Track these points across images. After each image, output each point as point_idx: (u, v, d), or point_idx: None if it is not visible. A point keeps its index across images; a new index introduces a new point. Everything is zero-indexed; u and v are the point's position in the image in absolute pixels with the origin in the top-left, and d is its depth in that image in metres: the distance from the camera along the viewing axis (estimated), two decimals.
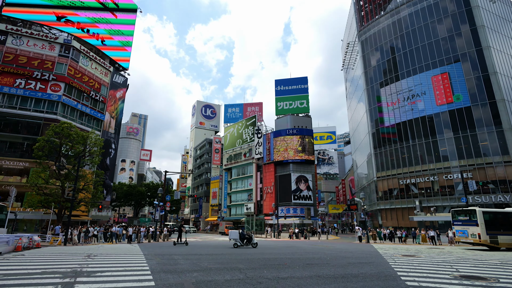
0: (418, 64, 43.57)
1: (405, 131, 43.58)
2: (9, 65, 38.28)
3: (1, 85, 37.22)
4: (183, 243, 22.87)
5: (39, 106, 38.63)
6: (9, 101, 37.52)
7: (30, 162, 33.99)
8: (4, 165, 35.78)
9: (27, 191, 31.24)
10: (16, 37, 39.74)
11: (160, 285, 7.10)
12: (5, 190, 32.00)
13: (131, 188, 64.62)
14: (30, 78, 38.61)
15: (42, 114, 38.26)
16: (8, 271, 8.99)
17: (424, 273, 9.40)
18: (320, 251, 17.65)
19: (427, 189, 39.67)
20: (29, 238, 16.65)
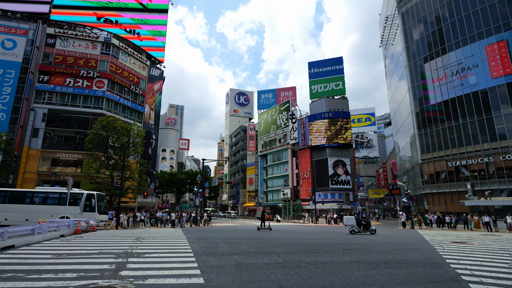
0: (469, 34, 39.21)
1: (454, 108, 40.01)
2: (59, 65, 41.73)
3: (54, 85, 40.88)
4: (267, 228, 22.92)
5: (87, 102, 41.85)
6: (61, 99, 41.19)
7: (83, 154, 37.20)
8: (61, 157, 39.72)
9: (82, 180, 34.31)
10: (63, 39, 42.96)
11: (203, 266, 7.41)
12: (63, 180, 35.35)
13: (172, 176, 68.07)
14: (78, 76, 41.78)
15: (89, 109, 41.50)
16: (72, 250, 10.11)
17: (477, 261, 8.70)
18: (360, 237, 17.20)
19: (481, 171, 36.41)
20: (86, 222, 18.39)
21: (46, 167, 38.83)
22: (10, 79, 38.65)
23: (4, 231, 10.57)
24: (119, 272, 6.57)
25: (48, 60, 41.98)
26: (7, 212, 21.10)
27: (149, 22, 52.98)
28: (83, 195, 22.50)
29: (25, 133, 38.39)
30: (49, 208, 21.86)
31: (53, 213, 21.38)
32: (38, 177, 38.00)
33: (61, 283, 5.53)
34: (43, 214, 20.93)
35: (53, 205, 22.12)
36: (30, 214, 21.28)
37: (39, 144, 38.90)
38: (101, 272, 6.61)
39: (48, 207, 21.95)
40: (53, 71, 41.11)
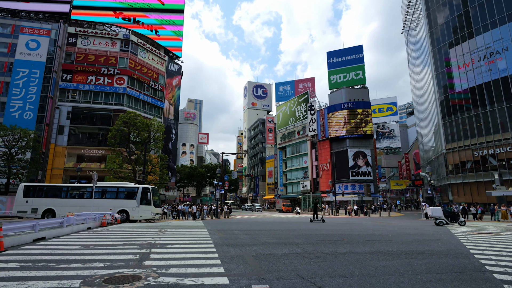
0: (499, 16, 36.88)
1: (481, 95, 38.07)
2: (81, 64, 43.20)
3: (77, 83, 42.44)
4: (320, 220, 23.01)
5: (108, 99, 43.25)
6: (84, 96, 42.77)
7: (106, 149, 38.66)
8: (86, 153, 41.52)
9: (106, 175, 35.77)
10: (84, 38, 44.36)
11: (223, 257, 7.64)
12: (89, 175, 37.10)
13: (192, 169, 69.53)
14: (99, 74, 43.13)
15: (111, 106, 42.88)
16: (98, 242, 10.66)
17: (503, 252, 8.42)
18: (381, 228, 16.98)
19: (509, 160, 34.65)
20: (111, 216, 19.26)
21: (72, 163, 40.71)
22: (35, 79, 40.50)
23: (36, 224, 11.22)
24: (143, 262, 6.88)
25: (70, 59, 43.45)
26: (69, 206, 22.10)
27: (167, 22, 53.68)
28: (139, 189, 23.41)
29: (51, 130, 40.28)
30: (108, 202, 22.93)
31: (112, 207, 22.47)
32: (64, 173, 39.89)
33: (89, 272, 5.86)
34: (103, 207, 22.04)
35: (112, 199, 23.22)
36: (91, 208, 22.23)
37: (64, 141, 40.70)
38: (126, 262, 6.94)
39: (106, 201, 23.04)
40: (75, 70, 42.66)
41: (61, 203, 22.60)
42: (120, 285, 4.94)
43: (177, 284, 5.02)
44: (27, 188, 23.33)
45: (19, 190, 23.18)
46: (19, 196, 22.80)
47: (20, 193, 22.95)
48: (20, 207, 22.47)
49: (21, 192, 23.00)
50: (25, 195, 22.87)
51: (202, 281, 5.24)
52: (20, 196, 22.80)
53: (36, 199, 22.78)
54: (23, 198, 22.71)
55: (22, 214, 22.36)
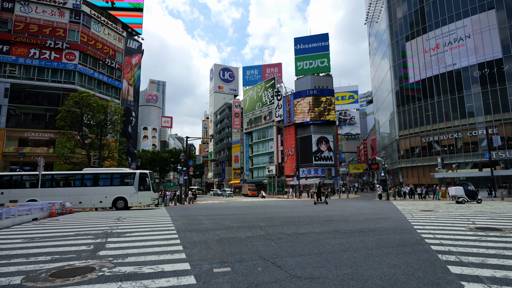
0: (448, 14, 39.71)
1: (430, 87, 41.23)
2: (21, 34, 37.55)
3: (16, 56, 36.93)
4: (323, 202, 24.02)
5: (57, 76, 39.02)
6: (26, 72, 37.59)
7: (55, 132, 34.92)
8: (31, 136, 37.31)
9: (55, 161, 32.84)
10: (23, 4, 38.41)
11: (185, 243, 7.61)
12: (34, 160, 33.59)
13: (154, 155, 67.27)
14: (44, 47, 38.32)
15: (60, 84, 38.78)
16: (45, 233, 9.87)
17: (440, 226, 9.48)
18: (339, 209, 18.03)
19: (450, 146, 38.41)
20: (62, 205, 17.87)
21: (13, 148, 36.13)
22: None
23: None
24: (98, 252, 6.57)
25: (6, 28, 37.56)
26: (58, 196, 20.52)
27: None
28: (136, 174, 22.49)
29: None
30: (102, 189, 21.70)
31: (107, 194, 21.44)
32: (4, 159, 35.44)
33: (33, 267, 5.36)
34: (97, 195, 21.15)
35: (106, 186, 21.89)
36: (83, 196, 21.13)
37: (2, 122, 35.74)
38: (77, 253, 6.53)
39: (101, 188, 21.76)
40: (13, 41, 37.08)
41: (45, 193, 20.31)
42: (70, 278, 4.63)
43: (135, 273, 4.91)
44: (0, 178, 21.01)
45: None
46: None
47: None
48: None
49: None
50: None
51: (162, 268, 5.19)
52: None
53: (15, 190, 20.47)
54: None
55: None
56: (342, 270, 4.87)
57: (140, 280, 4.50)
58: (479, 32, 36.59)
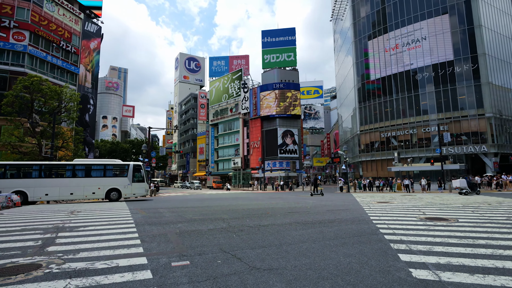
0: (407, 16, 42.10)
1: (389, 85, 43.63)
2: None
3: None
4: (319, 193, 25.09)
5: (3, 58, 35.43)
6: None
7: (0, 119, 32.12)
8: None
9: (1, 150, 30.10)
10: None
11: (144, 236, 7.31)
12: None
13: (114, 145, 63.91)
14: None
15: (7, 66, 35.31)
16: None
17: (394, 217, 10.10)
18: (302, 201, 18.53)
19: (406, 141, 41.19)
20: (7, 198, 16.36)
21: None
22: None
23: None
24: (46, 248, 6.09)
25: None
26: (48, 187, 19.76)
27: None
28: (130, 165, 22.44)
29: None
30: (95, 180, 21.24)
31: (100, 186, 21.16)
32: None
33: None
34: (89, 187, 20.82)
35: (99, 178, 21.49)
36: (74, 188, 20.55)
37: None
38: (23, 250, 6.02)
39: (93, 179, 21.24)
40: None
41: (34, 184, 19.53)
42: (12, 277, 4.24)
43: (87, 269, 4.60)
44: None
45: None
46: None
47: None
48: None
49: None
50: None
51: (116, 263, 4.92)
52: None
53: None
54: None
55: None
56: (301, 260, 4.96)
57: (92, 276, 4.26)
58: (434, 34, 39.29)
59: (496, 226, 7.90)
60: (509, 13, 41.75)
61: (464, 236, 6.64)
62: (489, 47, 36.85)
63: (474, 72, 36.44)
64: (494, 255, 5.07)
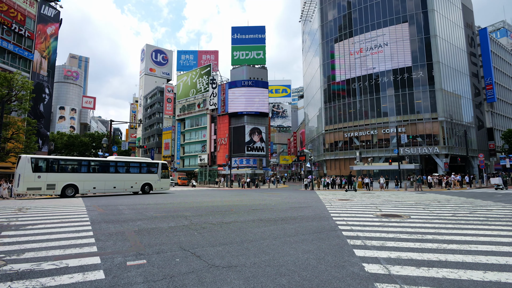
0: (371, 22, 44.18)
1: (353, 87, 45.56)
2: None
3: None
4: (353, 189, 28.57)
5: None
6: None
7: None
8: None
9: None
10: None
11: (99, 235, 6.93)
12: None
13: (72, 138, 59.83)
14: None
15: None
16: None
17: (352, 214, 10.57)
18: (267, 198, 18.74)
19: (367, 141, 43.36)
20: None
21: None
22: None
23: None
24: None
25: None
26: (93, 181, 22.08)
27: None
28: (159, 164, 26.28)
29: None
30: (134, 176, 24.39)
31: (137, 181, 24.36)
32: None
33: None
34: (129, 181, 23.82)
35: (136, 174, 24.71)
36: (117, 182, 23.19)
37: None
38: None
39: (132, 175, 24.36)
40: None
41: (84, 178, 21.67)
42: None
43: (31, 270, 4.26)
44: (37, 161, 20.27)
45: (25, 163, 19.53)
46: (28, 171, 19.45)
47: (28, 167, 19.55)
48: (30, 184, 19.39)
49: (29, 166, 19.63)
50: (35, 169, 19.87)
51: (66, 263, 4.61)
52: (29, 170, 19.52)
53: (52, 174, 20.41)
54: (33, 173, 19.68)
55: (35, 192, 19.77)
56: (260, 257, 5.00)
57: (37, 278, 3.96)
58: (395, 41, 41.66)
59: (443, 222, 8.58)
60: (460, 26, 45.49)
61: (414, 232, 7.12)
62: (442, 56, 39.90)
63: (429, 78, 39.27)
64: (439, 249, 5.49)
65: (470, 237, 6.50)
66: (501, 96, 54.26)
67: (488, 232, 7.06)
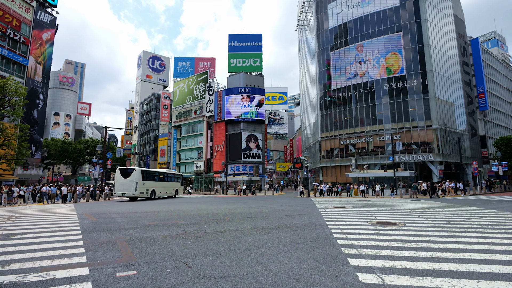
0: (366, 31, 44.83)
1: (349, 95, 45.91)
2: None
3: None
4: (436, 196, 28.01)
5: None
6: None
7: None
8: None
9: None
10: None
11: (90, 244, 6.79)
12: None
13: (66, 144, 59.26)
14: None
15: None
16: None
17: (348, 222, 10.50)
18: (262, 205, 18.60)
19: (363, 148, 43.51)
20: None
21: None
22: None
23: None
24: None
25: None
26: (160, 187, 29.31)
27: None
28: (181, 175, 35.76)
29: None
30: (173, 184, 32.71)
31: (173, 187, 32.68)
32: None
33: None
34: (171, 188, 32.09)
35: (174, 182, 32.95)
36: (167, 188, 31.11)
37: None
38: None
39: (173, 183, 32.58)
40: None
41: (157, 185, 28.77)
42: None
43: (16, 282, 4.13)
44: (143, 172, 26.67)
45: (139, 174, 25.82)
46: (140, 180, 25.62)
47: (140, 177, 25.69)
48: (140, 189, 25.57)
49: (140, 176, 25.80)
50: (143, 178, 26.17)
51: (53, 275, 4.49)
52: (140, 179, 25.69)
53: (148, 182, 27.00)
54: (142, 181, 25.89)
55: (142, 195, 26.08)
56: (254, 267, 4.91)
57: None
58: (390, 50, 42.21)
59: (437, 230, 8.55)
60: (453, 36, 46.31)
61: (409, 240, 7.09)
62: (436, 65, 40.48)
63: (423, 87, 39.75)
64: (433, 257, 5.45)
65: (464, 245, 6.47)
66: (493, 105, 55.02)
67: (482, 240, 7.05)
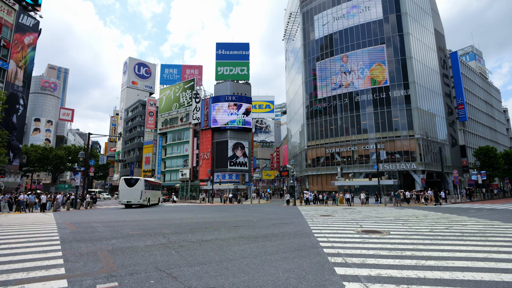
0: (351, 42, 46.10)
1: (334, 104, 46.77)
2: None
3: None
4: (439, 203, 28.71)
5: None
6: None
7: None
8: None
9: None
10: None
11: (69, 255, 6.51)
12: None
13: (47, 151, 57.16)
14: None
15: None
16: None
17: (334, 230, 10.55)
18: (248, 214, 18.46)
19: (348, 157, 44.18)
20: None
21: None
22: None
23: None
24: None
25: None
26: (151, 195, 31.48)
27: None
28: (161, 184, 39.85)
29: None
30: (158, 192, 35.70)
31: (158, 195, 36.10)
32: None
33: None
34: (157, 196, 34.91)
35: (158, 190, 36.29)
36: (155, 196, 33.53)
37: None
38: None
39: (158, 191, 35.78)
40: None
41: (150, 193, 31.03)
42: None
43: None
44: (146, 182, 30.01)
45: (144, 183, 29.05)
46: (143, 188, 28.59)
47: (144, 186, 28.76)
48: (144, 196, 28.58)
49: (143, 185, 28.81)
50: (145, 187, 29.22)
51: None
52: (144, 188, 28.66)
53: (147, 190, 29.97)
54: (145, 189, 29.07)
55: (144, 203, 28.78)
56: (240, 277, 4.83)
57: None
58: (373, 61, 43.47)
59: (421, 238, 8.71)
60: (433, 49, 48.24)
61: (394, 248, 7.17)
62: (418, 76, 41.94)
63: (406, 97, 41.00)
64: (417, 265, 5.53)
65: (447, 253, 6.60)
66: (472, 116, 57.27)
67: (464, 247, 7.22)
